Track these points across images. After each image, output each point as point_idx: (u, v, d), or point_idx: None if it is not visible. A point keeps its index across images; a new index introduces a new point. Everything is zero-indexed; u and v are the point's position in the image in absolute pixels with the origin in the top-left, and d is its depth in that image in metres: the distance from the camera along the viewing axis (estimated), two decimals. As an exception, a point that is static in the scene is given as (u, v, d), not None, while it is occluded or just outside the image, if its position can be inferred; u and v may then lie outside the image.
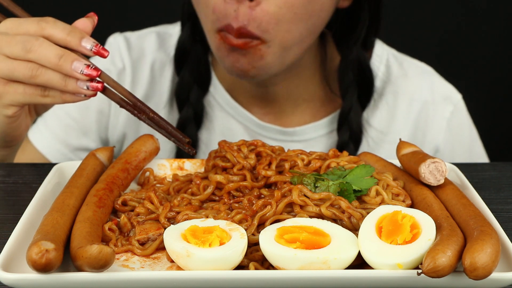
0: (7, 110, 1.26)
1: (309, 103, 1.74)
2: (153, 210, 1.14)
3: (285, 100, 1.72)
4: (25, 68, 1.19)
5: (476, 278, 0.93)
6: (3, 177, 1.37)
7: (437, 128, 1.76)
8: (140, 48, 1.79)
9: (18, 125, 1.31)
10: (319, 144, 1.74)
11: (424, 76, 1.79)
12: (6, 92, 1.23)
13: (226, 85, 1.74)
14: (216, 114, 1.74)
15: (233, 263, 1.00)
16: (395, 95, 1.75)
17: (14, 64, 1.20)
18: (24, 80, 1.21)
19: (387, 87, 1.75)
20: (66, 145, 1.75)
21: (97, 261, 0.94)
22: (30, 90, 1.22)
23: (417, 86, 1.76)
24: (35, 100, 1.23)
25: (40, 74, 1.19)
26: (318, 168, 1.20)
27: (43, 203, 1.14)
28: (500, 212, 1.23)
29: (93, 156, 1.25)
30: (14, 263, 0.98)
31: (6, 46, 1.20)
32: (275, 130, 1.72)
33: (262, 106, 1.73)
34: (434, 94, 1.77)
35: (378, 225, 1.02)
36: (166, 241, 1.02)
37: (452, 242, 0.97)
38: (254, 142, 1.25)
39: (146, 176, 1.28)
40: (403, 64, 1.79)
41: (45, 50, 1.18)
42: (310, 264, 0.98)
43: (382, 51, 1.78)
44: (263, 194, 1.15)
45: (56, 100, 1.23)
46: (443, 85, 1.80)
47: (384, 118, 1.74)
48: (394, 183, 1.17)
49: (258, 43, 1.48)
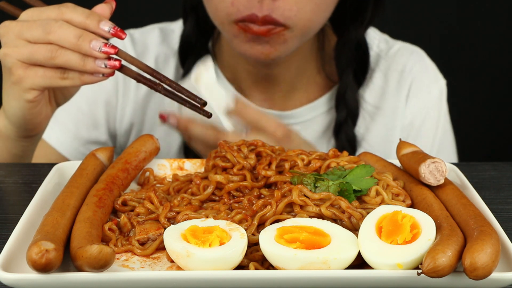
0: (27, 95, 1.28)
1: (306, 87, 1.80)
2: (153, 210, 1.14)
3: (285, 83, 1.77)
4: (45, 50, 1.23)
5: (476, 278, 0.93)
6: (3, 177, 1.37)
7: (420, 102, 1.82)
8: (144, 43, 1.84)
9: (39, 111, 1.33)
10: (315, 124, 1.79)
11: (414, 54, 1.86)
12: (26, 76, 1.26)
13: (228, 74, 1.79)
14: None
15: (233, 263, 1.00)
16: (386, 70, 1.82)
17: (35, 47, 1.24)
18: (44, 62, 1.24)
19: (379, 63, 1.82)
20: (77, 138, 1.78)
21: (97, 261, 0.94)
22: (49, 73, 1.25)
23: (408, 62, 1.84)
24: (55, 83, 1.26)
25: (60, 55, 1.23)
26: (318, 168, 1.20)
27: (43, 203, 1.14)
28: (500, 212, 1.23)
29: (93, 156, 1.25)
30: (14, 263, 0.98)
31: (27, 30, 1.24)
32: (273, 115, 1.75)
33: (262, 92, 1.77)
34: (423, 71, 1.84)
35: (378, 225, 1.02)
36: (166, 241, 1.02)
37: (452, 242, 0.97)
38: (254, 142, 1.25)
39: (146, 176, 1.28)
40: (394, 45, 1.87)
41: (65, 31, 1.22)
42: (310, 264, 0.98)
43: (374, 34, 1.86)
44: (263, 194, 1.15)
45: (75, 82, 1.26)
46: (432, 66, 1.88)
47: (378, 93, 1.81)
48: (394, 183, 1.17)
49: (282, 29, 1.55)
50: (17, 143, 1.41)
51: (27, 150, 1.44)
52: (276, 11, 1.51)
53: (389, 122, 1.81)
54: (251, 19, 1.53)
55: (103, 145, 1.81)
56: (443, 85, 1.86)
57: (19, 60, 1.25)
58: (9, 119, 1.36)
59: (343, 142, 1.75)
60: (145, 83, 1.26)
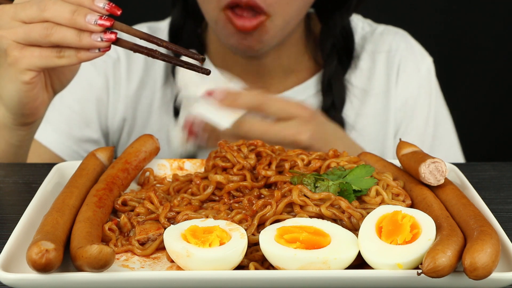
0: (24, 76, 1.28)
1: (295, 71, 1.82)
2: (153, 210, 1.14)
3: (276, 72, 1.80)
4: (40, 28, 1.23)
5: (476, 278, 0.93)
6: (3, 177, 1.37)
7: (410, 81, 1.84)
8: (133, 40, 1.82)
9: (36, 95, 1.32)
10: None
11: (397, 35, 1.89)
12: (22, 56, 1.25)
13: (218, 63, 1.81)
14: None
15: (233, 263, 1.00)
16: (372, 53, 1.85)
17: (30, 27, 1.23)
18: (39, 41, 1.24)
19: (364, 46, 1.85)
20: (70, 137, 1.78)
21: (97, 261, 0.94)
22: (46, 52, 1.25)
23: (392, 43, 1.86)
24: (52, 63, 1.26)
25: (55, 32, 1.22)
26: (318, 168, 1.20)
27: (43, 203, 1.14)
28: (500, 212, 1.23)
29: (93, 156, 1.25)
30: (14, 263, 0.98)
31: (22, 10, 1.24)
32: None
33: (253, 81, 1.79)
34: (409, 50, 1.87)
35: (378, 225, 1.02)
36: (166, 241, 1.02)
37: (452, 242, 0.97)
38: (254, 142, 1.25)
39: (146, 176, 1.28)
40: (378, 27, 1.90)
41: (59, 7, 1.22)
42: (310, 264, 0.98)
43: (357, 20, 1.89)
44: (263, 194, 1.15)
45: (72, 60, 1.25)
46: (416, 45, 1.91)
47: (365, 76, 1.83)
48: (394, 183, 1.17)
49: (264, 19, 1.59)
50: (14, 132, 1.40)
51: (24, 139, 1.43)
52: None
53: (380, 104, 1.83)
54: (236, 2, 1.56)
55: (96, 143, 1.81)
56: (430, 62, 1.89)
57: (15, 41, 1.25)
58: (5, 104, 1.34)
59: None
60: (141, 52, 1.26)
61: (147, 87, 1.83)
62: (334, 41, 1.77)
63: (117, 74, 1.81)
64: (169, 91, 1.82)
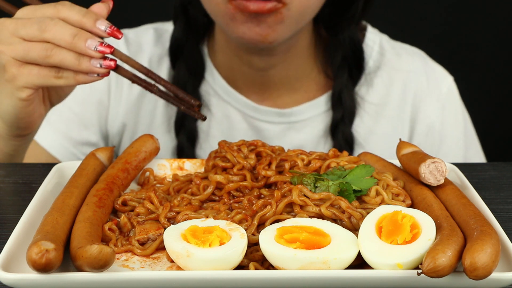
0: (21, 93, 1.27)
1: (304, 86, 1.78)
2: (153, 210, 1.14)
3: (282, 83, 1.75)
4: (40, 48, 1.22)
5: (476, 278, 0.93)
6: (3, 177, 1.37)
7: (433, 105, 1.80)
8: (138, 43, 1.82)
9: (32, 110, 1.32)
10: (315, 123, 1.77)
11: (416, 56, 1.85)
12: (20, 73, 1.25)
13: (224, 72, 1.77)
14: (213, 103, 1.77)
15: (233, 263, 1.00)
16: (389, 72, 1.80)
17: (29, 45, 1.23)
18: (38, 61, 1.23)
19: (381, 66, 1.80)
20: (68, 139, 1.77)
21: (97, 261, 0.94)
22: (44, 71, 1.24)
23: (411, 64, 1.82)
24: (49, 82, 1.25)
25: (55, 54, 1.22)
26: (318, 168, 1.20)
27: (43, 203, 1.14)
28: (500, 212, 1.23)
29: (93, 156, 1.25)
30: (14, 263, 0.98)
31: (22, 28, 1.23)
32: (272, 113, 1.75)
33: (259, 92, 1.76)
34: (428, 72, 1.83)
35: (378, 225, 1.02)
36: (166, 241, 1.02)
37: (452, 242, 0.97)
38: (254, 142, 1.25)
39: (146, 176, 1.28)
40: (395, 47, 1.84)
41: (60, 29, 1.21)
42: (310, 264, 0.98)
43: (375, 36, 1.83)
44: (263, 194, 1.15)
45: (70, 81, 1.25)
46: (435, 65, 1.86)
47: (379, 93, 1.78)
48: (394, 183, 1.17)
49: (281, 6, 1.51)
50: (9, 142, 1.40)
51: (18, 149, 1.43)
52: None
53: (393, 125, 1.79)
54: None
55: (94, 145, 1.80)
56: (451, 82, 1.84)
57: (13, 58, 1.24)
58: (1, 117, 1.34)
59: (340, 142, 1.73)
60: (140, 84, 1.26)
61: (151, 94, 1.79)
62: (343, 53, 1.73)
63: (120, 78, 1.79)
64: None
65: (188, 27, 1.74)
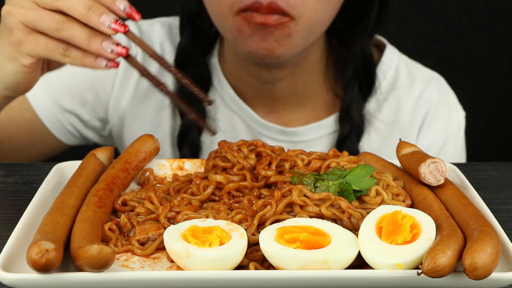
0: (24, 59, 1.23)
1: (312, 103, 1.74)
2: (153, 210, 1.14)
3: (289, 98, 1.72)
4: (51, 19, 1.18)
5: (476, 278, 0.93)
6: (3, 177, 1.37)
7: (437, 135, 1.77)
8: (150, 37, 1.78)
9: (34, 77, 1.28)
10: (320, 145, 1.73)
11: (432, 82, 1.80)
12: (27, 40, 1.21)
13: (232, 82, 1.74)
14: (220, 111, 1.74)
15: (233, 263, 1.00)
16: (401, 95, 1.75)
17: (41, 13, 1.18)
18: (48, 32, 1.19)
19: (394, 88, 1.75)
20: (58, 106, 1.72)
21: (97, 261, 0.94)
22: (52, 45, 1.20)
23: (424, 90, 1.77)
24: (55, 57, 1.21)
25: (66, 28, 1.18)
26: (318, 168, 1.20)
27: (43, 203, 1.14)
28: (500, 212, 1.23)
29: (93, 156, 1.25)
30: (14, 263, 0.98)
31: None
32: (276, 130, 1.72)
33: (265, 105, 1.73)
34: (441, 103, 1.78)
35: (378, 225, 1.02)
36: (166, 241, 1.02)
37: (452, 242, 0.97)
38: (254, 142, 1.25)
39: (146, 176, 1.28)
40: (412, 70, 1.79)
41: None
42: (310, 264, 0.98)
43: (392, 56, 1.78)
44: (263, 194, 1.15)
45: (76, 62, 1.21)
46: (451, 95, 1.81)
47: (390, 115, 1.74)
48: (394, 183, 1.17)
49: (288, 20, 1.48)
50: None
51: (2, 106, 1.38)
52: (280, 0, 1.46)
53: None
54: (255, 7, 1.46)
55: (83, 123, 1.75)
56: (462, 117, 1.80)
57: (22, 22, 1.20)
58: (1, 80, 1.30)
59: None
60: (149, 79, 1.22)
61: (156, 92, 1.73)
62: (354, 66, 1.68)
63: (129, 70, 1.74)
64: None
65: (195, 39, 1.70)
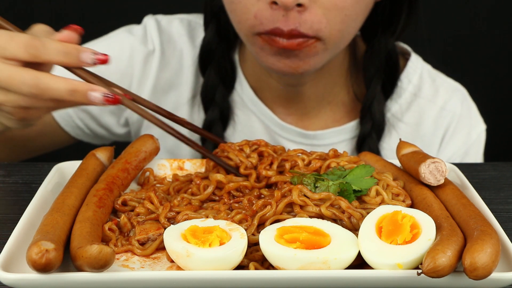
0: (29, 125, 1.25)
1: (332, 107, 1.72)
2: (153, 210, 1.14)
3: (310, 100, 1.70)
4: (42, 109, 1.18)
5: (476, 278, 0.93)
6: (3, 177, 1.37)
7: (457, 146, 1.76)
8: (169, 33, 1.75)
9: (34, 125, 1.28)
10: (340, 149, 1.71)
11: (455, 93, 1.79)
12: (29, 116, 1.20)
13: (252, 82, 1.71)
14: (239, 111, 1.72)
15: (233, 263, 1.00)
16: (424, 104, 1.74)
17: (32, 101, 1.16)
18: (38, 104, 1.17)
19: (416, 98, 1.74)
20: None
21: (97, 261, 0.94)
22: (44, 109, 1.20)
23: (447, 101, 1.76)
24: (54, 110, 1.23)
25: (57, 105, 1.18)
26: (318, 168, 1.20)
27: (43, 203, 1.14)
28: (500, 212, 1.23)
29: (93, 156, 1.25)
30: (14, 263, 0.98)
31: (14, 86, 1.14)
32: (295, 132, 1.70)
33: (286, 106, 1.71)
34: (463, 115, 1.77)
35: (378, 225, 1.02)
36: (166, 241, 1.02)
37: (452, 242, 0.97)
38: (257, 142, 1.25)
39: (146, 176, 1.28)
40: (436, 80, 1.78)
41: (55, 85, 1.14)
42: (310, 264, 0.98)
43: (417, 64, 1.77)
44: (263, 194, 1.15)
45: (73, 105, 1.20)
46: (473, 108, 1.81)
47: (413, 121, 1.73)
48: (394, 183, 1.17)
49: (314, 41, 1.44)
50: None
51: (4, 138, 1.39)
52: (304, 25, 1.40)
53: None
54: (276, 33, 1.42)
55: (94, 118, 1.72)
56: (483, 130, 1.79)
57: (16, 107, 1.17)
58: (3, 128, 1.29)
59: None
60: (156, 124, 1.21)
61: (176, 91, 1.72)
62: (378, 64, 1.65)
63: (147, 67, 1.71)
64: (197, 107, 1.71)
65: (219, 34, 1.67)
